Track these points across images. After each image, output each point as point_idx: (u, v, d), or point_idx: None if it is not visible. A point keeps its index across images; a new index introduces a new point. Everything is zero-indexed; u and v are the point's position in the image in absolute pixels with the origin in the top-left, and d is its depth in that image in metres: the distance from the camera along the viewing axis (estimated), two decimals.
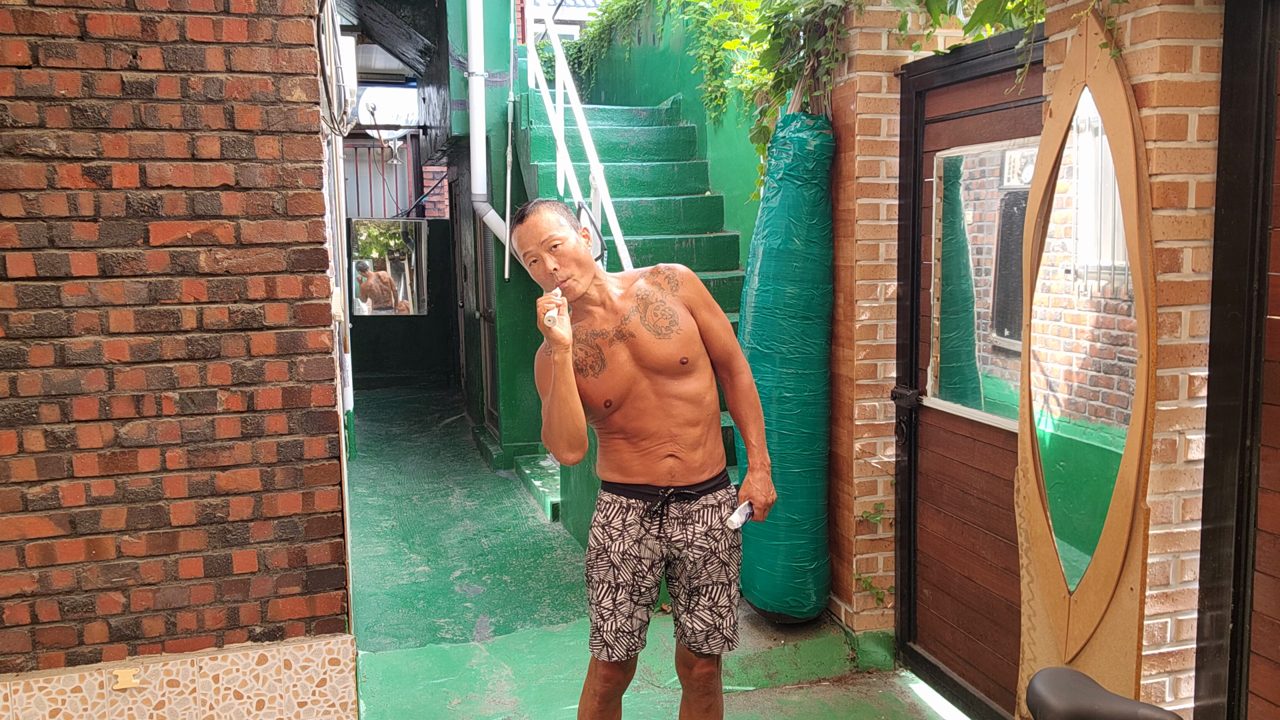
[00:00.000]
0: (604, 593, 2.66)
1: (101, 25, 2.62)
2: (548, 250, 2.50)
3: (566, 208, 2.59)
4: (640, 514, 2.61)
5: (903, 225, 3.63)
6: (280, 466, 2.89)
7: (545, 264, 2.50)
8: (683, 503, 2.61)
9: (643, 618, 2.68)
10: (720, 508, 2.65)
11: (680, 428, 2.57)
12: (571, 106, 5.73)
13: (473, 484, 6.80)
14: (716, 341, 2.65)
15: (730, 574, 2.69)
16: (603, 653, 2.67)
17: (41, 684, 2.75)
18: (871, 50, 3.56)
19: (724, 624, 2.68)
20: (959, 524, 3.42)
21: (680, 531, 2.62)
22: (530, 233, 2.51)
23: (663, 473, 2.58)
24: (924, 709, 3.55)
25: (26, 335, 2.66)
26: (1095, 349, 2.60)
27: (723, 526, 2.64)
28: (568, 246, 2.51)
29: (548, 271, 2.49)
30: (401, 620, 4.42)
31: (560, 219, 2.53)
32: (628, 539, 2.62)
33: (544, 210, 2.53)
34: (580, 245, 2.54)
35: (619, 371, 2.54)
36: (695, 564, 2.64)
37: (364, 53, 9.27)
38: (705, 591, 2.66)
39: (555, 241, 2.50)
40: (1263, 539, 2.26)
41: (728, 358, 2.68)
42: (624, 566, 2.63)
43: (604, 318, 2.57)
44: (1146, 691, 2.41)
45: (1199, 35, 2.27)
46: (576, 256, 2.51)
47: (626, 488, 2.62)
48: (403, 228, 11.23)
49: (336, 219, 4.80)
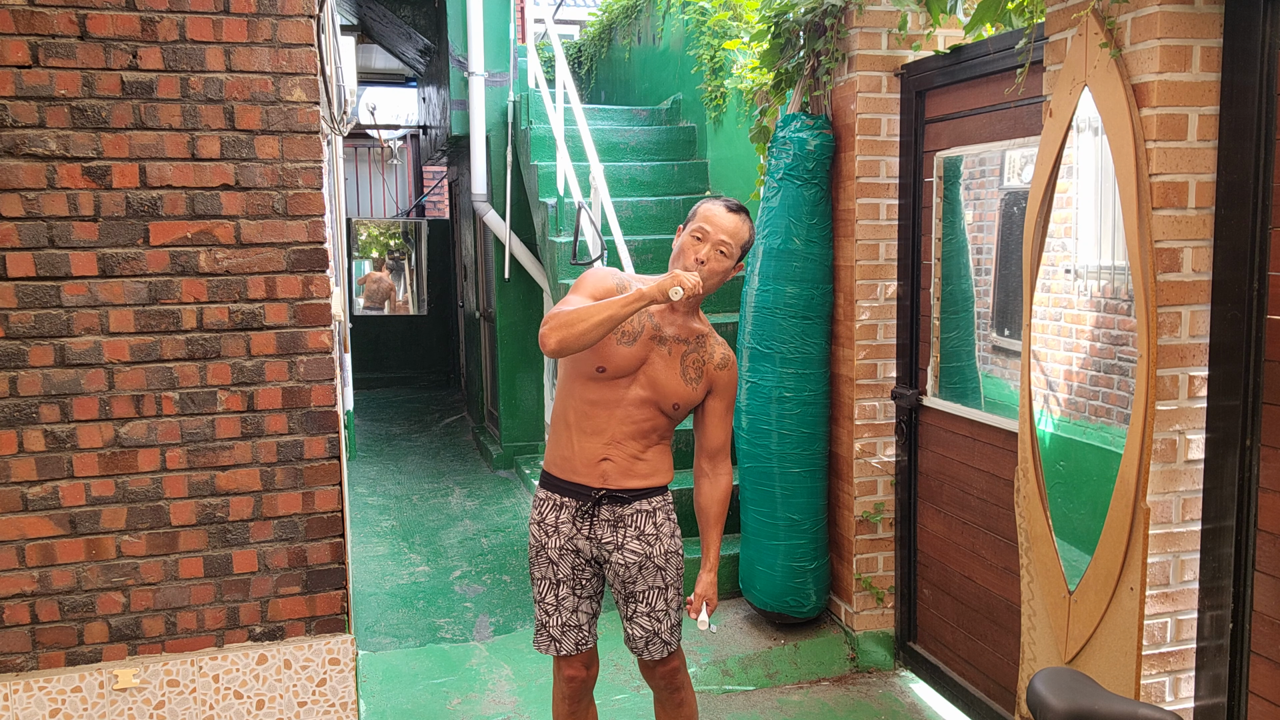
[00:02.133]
0: (546, 589, 2.67)
1: (101, 25, 2.62)
2: (714, 245, 2.53)
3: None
4: (572, 513, 2.62)
5: (903, 225, 3.63)
6: (280, 466, 2.89)
7: (699, 251, 2.53)
8: (615, 505, 2.60)
9: (588, 610, 2.68)
10: (654, 514, 2.64)
11: (626, 439, 2.58)
12: (571, 106, 5.73)
13: (473, 484, 6.80)
14: (718, 430, 2.67)
15: (667, 577, 2.66)
16: (550, 647, 2.67)
17: (41, 684, 2.75)
18: (871, 50, 3.56)
19: (661, 628, 2.66)
20: (959, 524, 3.42)
21: (610, 534, 2.61)
22: (724, 223, 2.54)
23: (597, 475, 2.59)
24: (924, 709, 3.55)
25: (26, 335, 2.66)
26: (1095, 349, 2.60)
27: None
28: (725, 263, 2.55)
29: (697, 258, 2.52)
30: (401, 620, 4.42)
31: (746, 236, 2.58)
32: (561, 535, 2.63)
33: (746, 221, 2.58)
34: (728, 271, 2.58)
35: (632, 359, 2.55)
36: (628, 569, 2.62)
37: (364, 53, 9.27)
38: (641, 597, 2.65)
39: (725, 248, 2.54)
40: (1263, 539, 2.26)
41: (719, 451, 2.69)
42: (562, 562, 2.64)
43: (674, 325, 2.60)
44: (1146, 691, 2.41)
45: (1199, 35, 2.27)
46: (720, 271, 2.55)
47: (560, 485, 2.63)
48: (403, 228, 11.23)
49: (336, 219, 4.80)
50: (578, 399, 2.59)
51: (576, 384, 2.60)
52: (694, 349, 2.60)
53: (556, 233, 5.66)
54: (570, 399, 2.61)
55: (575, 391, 2.60)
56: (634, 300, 2.41)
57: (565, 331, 2.41)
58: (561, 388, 2.65)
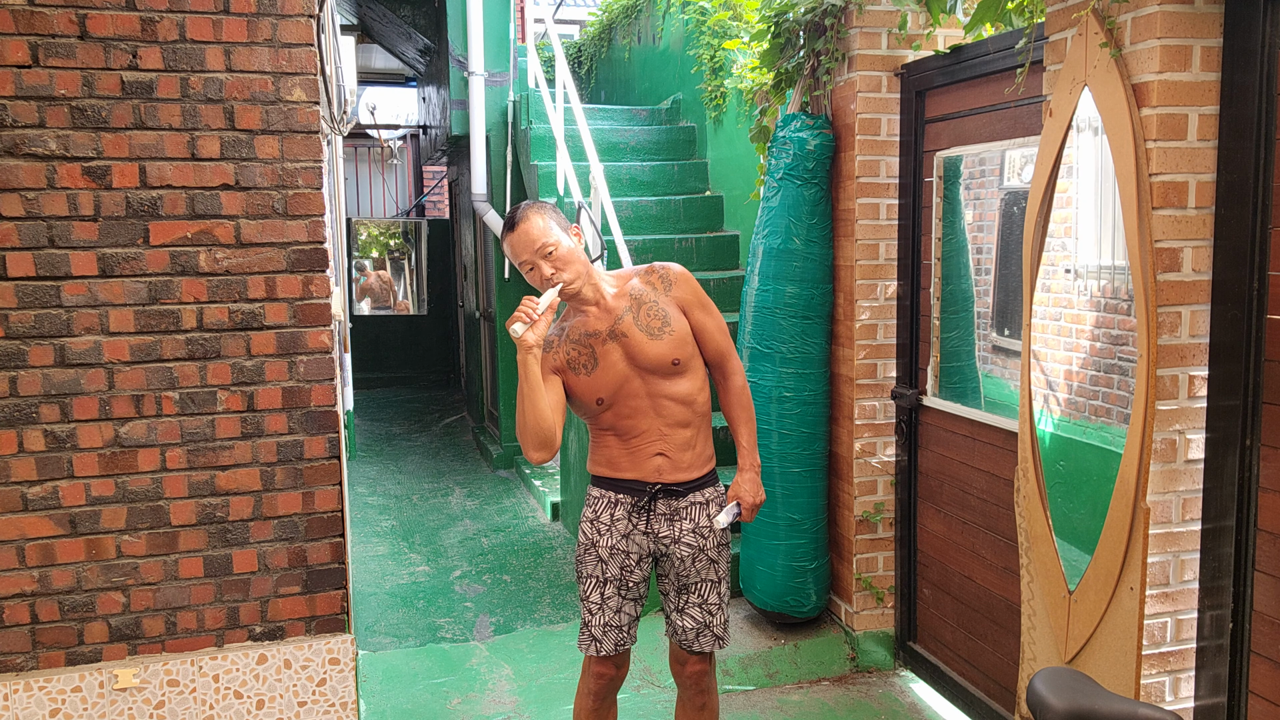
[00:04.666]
0: (592, 587, 2.67)
1: (101, 25, 2.62)
2: (543, 257, 2.50)
3: (554, 208, 2.58)
4: (628, 509, 2.62)
5: (903, 225, 3.63)
6: (280, 466, 2.89)
7: (542, 270, 2.50)
8: (670, 499, 2.61)
9: (631, 613, 2.69)
10: (708, 505, 2.65)
11: (670, 428, 2.57)
12: (571, 106, 5.73)
13: (473, 484, 6.80)
14: (710, 342, 2.65)
15: (720, 571, 2.69)
16: (590, 647, 2.68)
17: (41, 683, 2.75)
18: (871, 50, 3.56)
19: (714, 621, 2.68)
20: (959, 523, 3.42)
21: (667, 528, 2.62)
22: (523, 241, 2.51)
23: (651, 470, 2.59)
24: (924, 708, 3.55)
25: (26, 335, 2.66)
26: (1095, 349, 2.60)
27: (710, 524, 2.64)
28: (561, 250, 2.50)
29: (545, 278, 2.49)
30: (401, 620, 4.42)
31: (550, 223, 2.52)
32: (615, 534, 2.63)
33: (533, 216, 2.52)
34: (574, 246, 2.53)
35: (611, 370, 2.54)
36: (683, 561, 2.64)
37: (364, 52, 9.27)
38: (695, 589, 2.66)
39: (549, 248, 2.49)
40: (1263, 538, 2.26)
41: (721, 359, 2.67)
42: (612, 561, 2.64)
43: (597, 317, 2.57)
44: (1146, 691, 2.41)
45: (1199, 35, 2.27)
46: (570, 258, 2.51)
47: (615, 483, 2.63)
48: (403, 227, 11.23)
49: (336, 219, 4.80)
50: (610, 425, 2.61)
51: (606, 419, 2.61)
52: (634, 309, 2.57)
53: None
54: (604, 427, 2.63)
55: (607, 422, 2.61)
56: (522, 368, 2.45)
57: (526, 440, 2.49)
58: (591, 422, 2.66)
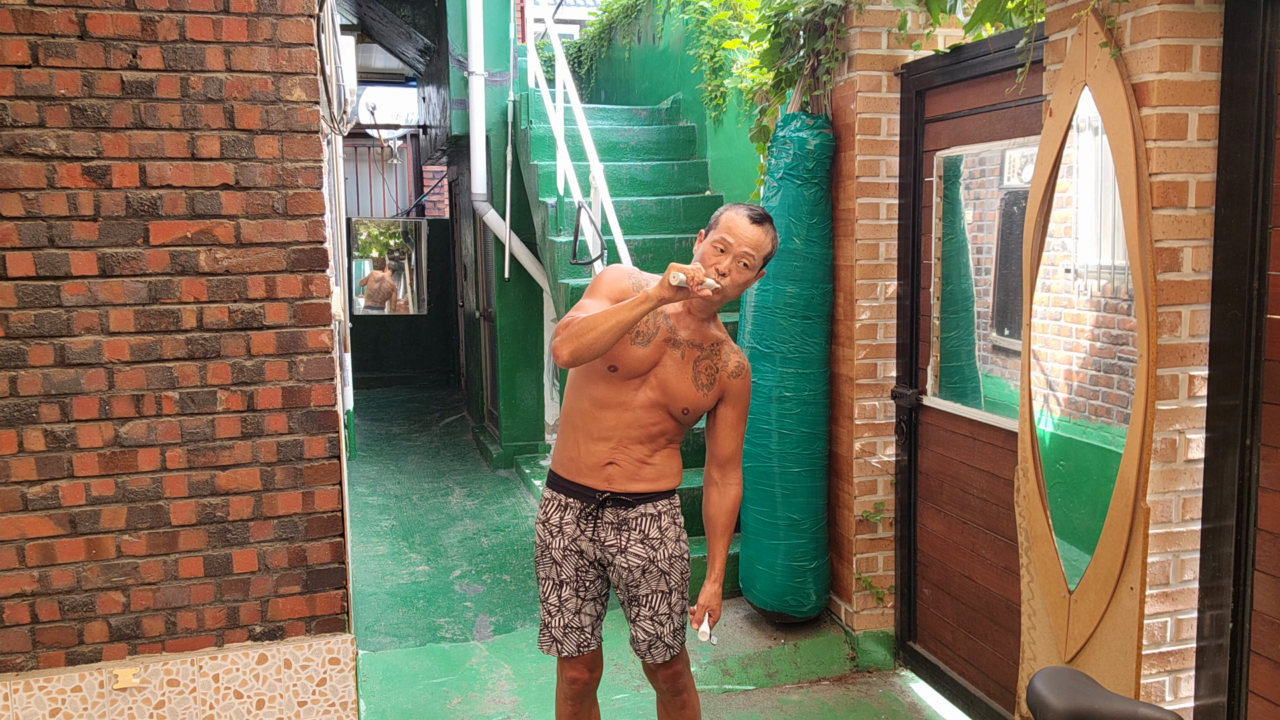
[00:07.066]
0: (550, 589, 2.67)
1: (101, 25, 2.62)
2: (739, 258, 2.48)
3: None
4: (576, 514, 2.61)
5: (903, 225, 3.63)
6: (280, 466, 2.89)
7: (724, 265, 2.48)
8: (619, 508, 2.59)
9: (592, 613, 2.68)
10: (659, 518, 2.62)
11: (633, 443, 2.57)
12: (571, 106, 5.73)
13: (473, 483, 6.80)
14: (729, 438, 2.63)
15: (672, 582, 2.65)
16: (552, 648, 2.68)
17: (41, 683, 2.75)
18: (871, 50, 3.56)
19: (664, 632, 2.66)
20: (959, 523, 3.42)
21: (614, 537, 2.60)
22: (752, 237, 2.49)
23: (601, 478, 2.58)
24: (924, 708, 3.55)
25: (26, 335, 2.66)
26: (1095, 348, 2.60)
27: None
28: (747, 275, 2.51)
29: (720, 271, 2.48)
30: (401, 620, 4.42)
31: (766, 256, 2.53)
32: (565, 536, 2.63)
33: (770, 231, 2.52)
34: (746, 281, 2.53)
35: (645, 360, 2.54)
36: (632, 572, 2.62)
37: (364, 52, 9.27)
38: (645, 601, 2.64)
39: (752, 259, 2.49)
40: (1263, 538, 2.26)
41: (729, 460, 2.65)
42: (565, 563, 2.64)
43: (689, 329, 2.57)
44: (1146, 691, 2.41)
45: (1199, 34, 2.27)
46: (741, 281, 2.51)
47: (566, 485, 2.63)
48: (403, 227, 11.22)
49: (336, 219, 4.80)
50: (586, 399, 2.58)
51: (586, 382, 2.59)
52: (707, 355, 2.58)
53: (556, 232, 5.66)
54: (579, 399, 2.61)
55: (585, 390, 2.59)
56: (640, 303, 2.39)
57: (576, 342, 2.40)
58: (571, 386, 2.64)
